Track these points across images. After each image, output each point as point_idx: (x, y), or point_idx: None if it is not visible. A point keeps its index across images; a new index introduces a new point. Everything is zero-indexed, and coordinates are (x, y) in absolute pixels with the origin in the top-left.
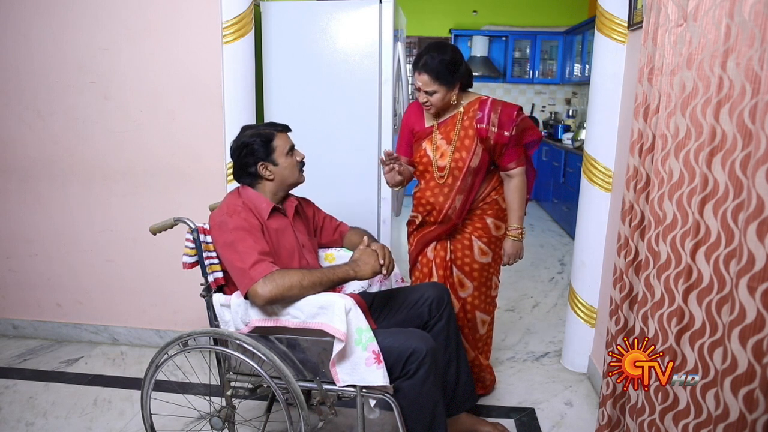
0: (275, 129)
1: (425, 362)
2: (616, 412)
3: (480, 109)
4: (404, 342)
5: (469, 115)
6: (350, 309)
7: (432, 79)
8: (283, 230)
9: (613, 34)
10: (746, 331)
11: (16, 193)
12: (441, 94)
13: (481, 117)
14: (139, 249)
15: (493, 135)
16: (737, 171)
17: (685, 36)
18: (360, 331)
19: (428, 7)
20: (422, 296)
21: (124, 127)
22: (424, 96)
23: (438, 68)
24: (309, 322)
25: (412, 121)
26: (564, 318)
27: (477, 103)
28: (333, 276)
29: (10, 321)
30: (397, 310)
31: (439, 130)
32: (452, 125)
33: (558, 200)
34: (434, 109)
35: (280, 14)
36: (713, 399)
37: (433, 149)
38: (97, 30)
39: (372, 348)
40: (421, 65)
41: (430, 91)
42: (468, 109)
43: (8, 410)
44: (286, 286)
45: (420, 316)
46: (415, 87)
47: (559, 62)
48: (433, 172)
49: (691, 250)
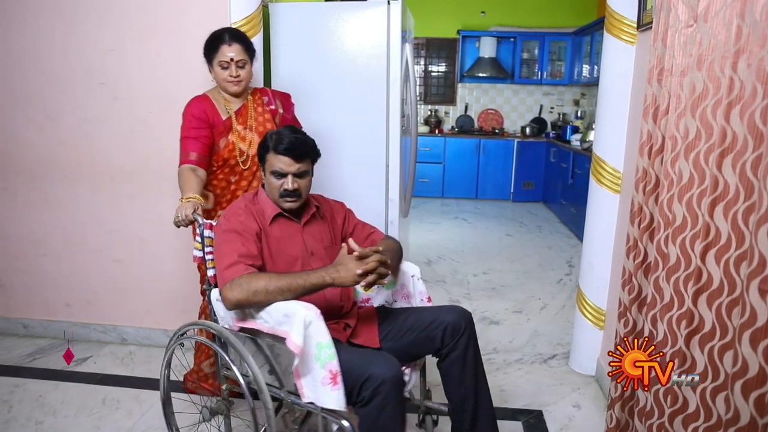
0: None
1: (381, 391)
2: (625, 415)
3: (264, 94)
4: (363, 366)
5: (258, 101)
6: (311, 322)
7: (244, 49)
8: (289, 236)
9: (622, 34)
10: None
11: (25, 194)
12: (249, 67)
13: (269, 101)
14: (147, 249)
15: (279, 116)
16: (748, 172)
17: (695, 37)
18: (320, 346)
19: (436, 8)
20: (437, 319)
21: (132, 127)
22: (235, 69)
23: (247, 40)
24: (276, 329)
25: (209, 115)
26: (572, 320)
27: (259, 91)
28: (304, 282)
29: (20, 320)
30: (407, 330)
31: (238, 121)
32: (246, 113)
33: (566, 202)
34: (243, 85)
35: (288, 15)
36: (723, 402)
37: (238, 139)
38: (106, 31)
39: (330, 367)
40: (229, 36)
41: (242, 61)
42: (254, 96)
43: (18, 409)
44: (251, 291)
45: (431, 340)
46: (222, 63)
47: (567, 63)
48: (245, 161)
49: (701, 252)
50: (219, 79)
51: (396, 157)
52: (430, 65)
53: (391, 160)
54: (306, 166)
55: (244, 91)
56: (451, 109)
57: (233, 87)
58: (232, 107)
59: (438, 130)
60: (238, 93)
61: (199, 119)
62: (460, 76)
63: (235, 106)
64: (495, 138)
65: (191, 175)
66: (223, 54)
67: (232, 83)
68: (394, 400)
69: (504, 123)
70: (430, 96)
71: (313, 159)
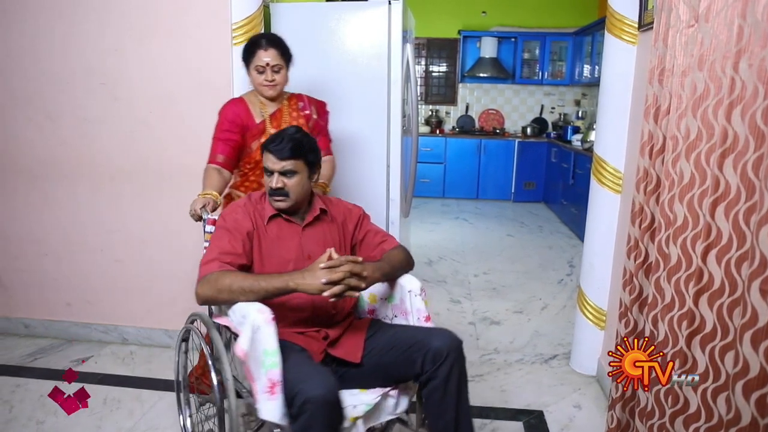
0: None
1: (305, 409)
2: (626, 415)
3: (299, 99)
4: (296, 380)
5: (293, 106)
6: (259, 327)
7: (280, 54)
8: (285, 238)
9: (624, 35)
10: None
11: (25, 194)
12: (285, 72)
13: (304, 106)
14: (147, 249)
15: (313, 121)
16: (749, 173)
17: (696, 37)
18: (266, 353)
19: (437, 8)
20: (420, 342)
21: (133, 127)
22: (271, 74)
23: (283, 45)
24: (237, 329)
25: (243, 117)
26: (573, 320)
27: (295, 96)
28: (267, 285)
29: (21, 320)
30: (390, 349)
31: (272, 124)
32: (281, 117)
33: (567, 202)
34: (278, 89)
35: (289, 15)
36: (724, 403)
37: None
38: (107, 31)
39: (270, 375)
40: (266, 42)
41: (278, 66)
42: (290, 101)
43: (19, 408)
44: (217, 288)
45: (411, 364)
46: (258, 68)
47: (568, 63)
48: None
49: (702, 253)
50: (255, 83)
51: (397, 157)
52: (431, 65)
53: (392, 160)
54: (294, 166)
55: (279, 95)
56: (452, 109)
57: (268, 91)
58: (267, 110)
59: (439, 130)
60: (273, 97)
61: (232, 122)
62: (461, 76)
63: (270, 110)
64: (496, 138)
65: (215, 174)
66: (259, 58)
67: (268, 87)
68: (320, 422)
69: (505, 123)
70: (431, 96)
71: (309, 161)
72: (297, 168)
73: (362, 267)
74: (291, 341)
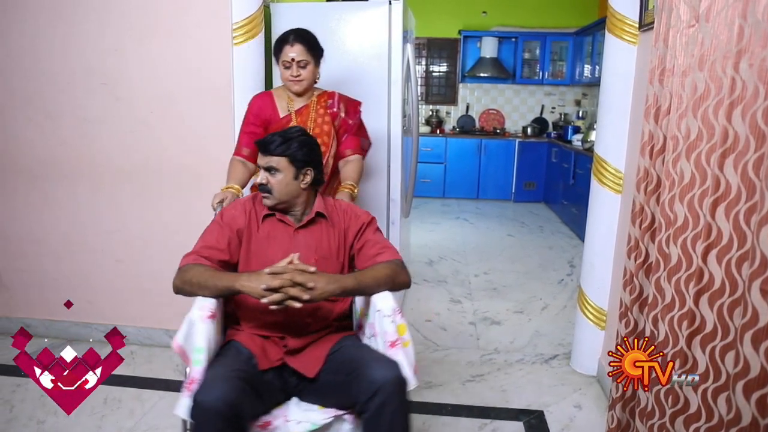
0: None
1: (194, 415)
2: (626, 415)
3: (330, 97)
4: (202, 382)
5: (321, 103)
6: (194, 323)
7: (306, 49)
8: (275, 239)
9: (624, 34)
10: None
11: (25, 194)
12: (312, 67)
13: (332, 104)
14: (148, 249)
15: (340, 120)
16: (750, 173)
17: (696, 37)
18: (196, 350)
19: (437, 8)
20: (360, 369)
21: (133, 127)
22: (296, 69)
23: (311, 39)
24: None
25: (267, 111)
26: (573, 320)
27: (327, 94)
28: (217, 282)
29: (21, 320)
30: (339, 370)
31: (297, 120)
32: (307, 114)
33: (567, 202)
34: (304, 85)
35: (289, 15)
36: (725, 403)
37: None
38: (107, 31)
39: (193, 372)
40: (293, 37)
41: (304, 62)
42: (320, 98)
43: (20, 408)
44: (184, 280)
45: (348, 391)
46: (284, 63)
47: (569, 63)
48: None
49: (703, 253)
50: (282, 78)
51: (397, 157)
52: (432, 65)
53: (392, 160)
54: (277, 163)
55: (307, 90)
56: (453, 109)
57: (294, 86)
58: (294, 106)
59: (439, 130)
60: (300, 92)
61: (256, 116)
62: (462, 76)
63: (297, 105)
64: (496, 138)
65: (240, 166)
66: (285, 54)
67: (294, 82)
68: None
69: (505, 123)
70: (432, 96)
71: (296, 160)
72: (280, 166)
73: (309, 278)
74: (243, 343)
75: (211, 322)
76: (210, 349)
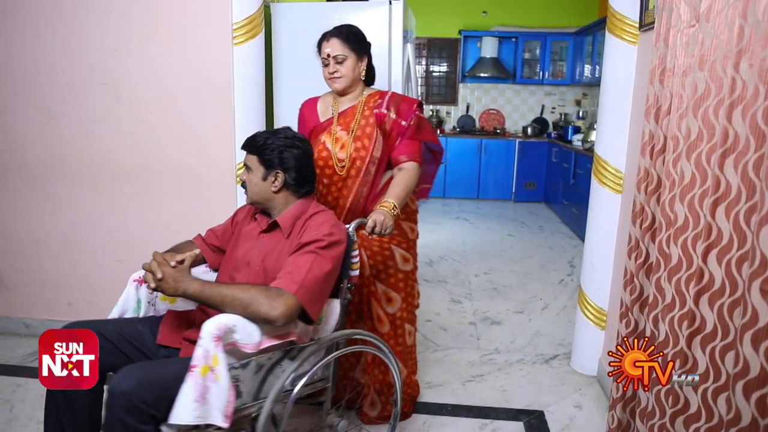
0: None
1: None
2: (626, 416)
3: (380, 97)
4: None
5: (370, 105)
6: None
7: (342, 42)
8: (245, 239)
9: (624, 34)
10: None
11: (26, 194)
12: (351, 62)
13: (381, 104)
14: (149, 249)
15: (390, 121)
16: (750, 173)
17: (697, 37)
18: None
19: (438, 8)
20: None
21: (134, 128)
22: (333, 66)
23: (347, 33)
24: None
25: (311, 118)
26: (573, 320)
27: (378, 94)
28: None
29: (22, 320)
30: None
31: (339, 122)
32: (352, 116)
33: (568, 202)
34: (343, 82)
35: (290, 15)
36: (725, 403)
37: (332, 141)
38: (108, 31)
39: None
40: (330, 32)
41: (341, 57)
42: (369, 99)
43: (20, 408)
44: None
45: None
46: (323, 60)
47: (569, 63)
48: (333, 165)
49: (703, 253)
50: (324, 78)
51: None
52: (432, 65)
53: None
54: (250, 162)
55: (351, 89)
56: (453, 109)
57: (333, 84)
58: (339, 107)
59: (439, 130)
60: (341, 91)
61: (300, 119)
62: (462, 76)
63: (343, 107)
64: (496, 138)
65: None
66: (322, 51)
67: (332, 80)
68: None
69: (505, 123)
70: (432, 96)
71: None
72: (251, 164)
73: (159, 269)
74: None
75: (135, 285)
76: (125, 308)
